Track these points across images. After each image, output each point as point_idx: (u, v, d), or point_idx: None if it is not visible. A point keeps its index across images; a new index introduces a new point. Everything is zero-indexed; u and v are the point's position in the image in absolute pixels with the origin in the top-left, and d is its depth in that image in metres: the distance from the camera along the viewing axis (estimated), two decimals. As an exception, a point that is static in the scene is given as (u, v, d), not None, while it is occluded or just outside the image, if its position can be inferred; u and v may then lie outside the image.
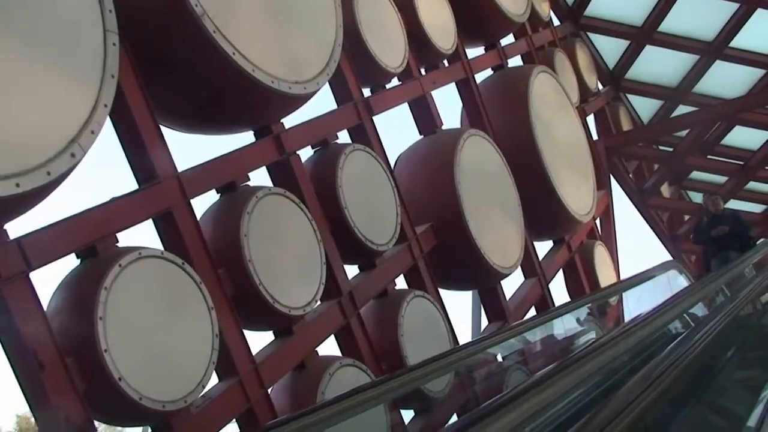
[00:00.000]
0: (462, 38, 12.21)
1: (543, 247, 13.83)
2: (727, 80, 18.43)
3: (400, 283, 9.58)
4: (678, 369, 3.92)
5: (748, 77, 18.23)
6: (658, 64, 18.53)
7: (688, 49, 17.96)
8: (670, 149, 19.15)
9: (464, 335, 11.15)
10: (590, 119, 17.96)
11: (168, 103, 7.31)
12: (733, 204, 20.63)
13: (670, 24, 17.53)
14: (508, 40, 14.29)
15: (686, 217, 21.01)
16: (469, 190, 10.29)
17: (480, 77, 13.17)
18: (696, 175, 21.26)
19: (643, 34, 17.77)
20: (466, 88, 12.16)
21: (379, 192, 9.01)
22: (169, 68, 7.01)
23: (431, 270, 9.79)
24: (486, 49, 13.40)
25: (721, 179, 20.22)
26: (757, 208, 21.08)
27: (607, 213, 16.68)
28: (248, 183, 7.51)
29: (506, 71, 13.38)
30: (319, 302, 7.74)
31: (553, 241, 13.80)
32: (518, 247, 11.28)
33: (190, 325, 6.10)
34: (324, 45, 8.25)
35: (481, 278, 10.72)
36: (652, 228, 19.94)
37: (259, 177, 8.30)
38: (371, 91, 10.04)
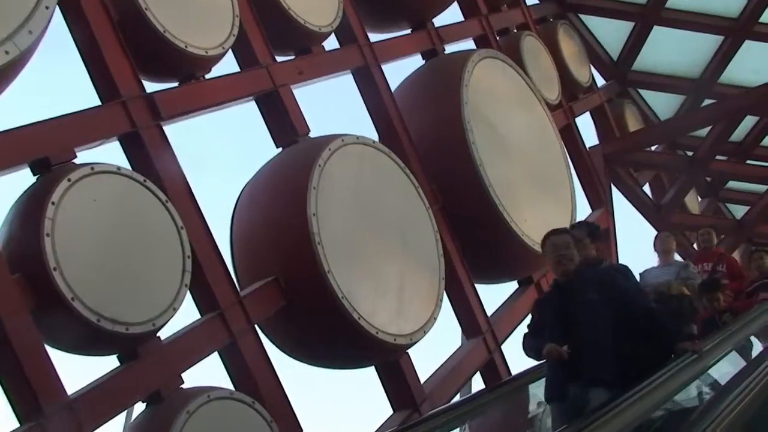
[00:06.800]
0: (359, 13, 8.94)
1: (505, 291, 10.42)
2: (762, 65, 14.72)
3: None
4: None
5: (787, 59, 14.54)
6: (672, 50, 15.01)
7: (708, 28, 14.46)
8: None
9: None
10: (587, 122, 14.49)
11: None
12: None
13: (682, -1, 14.01)
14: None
15: (722, 236, 17.09)
16: (333, 223, 6.96)
17: (405, 68, 9.94)
18: (733, 184, 17.45)
19: (649, 13, 14.29)
20: (365, 81, 8.84)
21: (147, 240, 5.75)
22: None
23: (264, 349, 6.49)
24: (413, 32, 10.09)
25: (763, 188, 16.38)
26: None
27: (605, 238, 13.04)
28: None
29: (439, 59, 10.01)
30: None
31: (518, 282, 10.31)
32: (430, 301, 7.84)
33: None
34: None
35: (365, 353, 7.33)
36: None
37: None
38: (181, 82, 6.85)
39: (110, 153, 6.29)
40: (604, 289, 4.97)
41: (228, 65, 7.49)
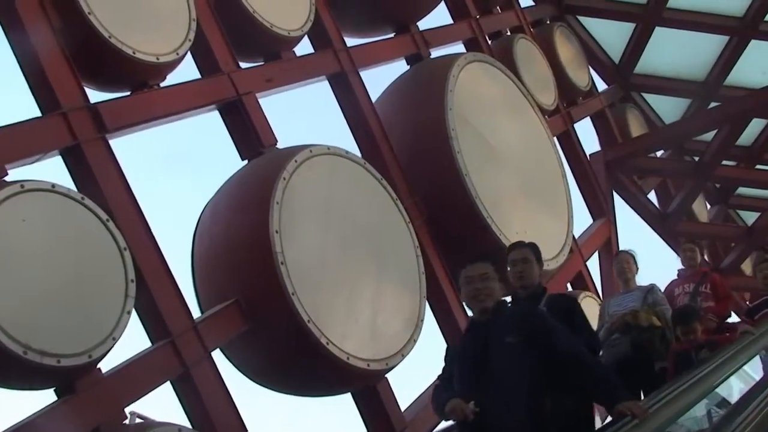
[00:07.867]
0: (335, 16, 8.47)
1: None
2: (768, 64, 14.20)
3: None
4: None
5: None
6: (675, 52, 14.44)
7: (712, 28, 13.90)
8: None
9: None
10: (588, 127, 13.97)
11: None
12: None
13: (684, -3, 13.48)
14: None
15: (732, 244, 16.46)
16: (299, 241, 6.47)
17: (388, 73, 9.46)
18: (744, 190, 16.83)
19: (650, 14, 13.73)
20: (342, 88, 8.35)
21: (84, 262, 5.27)
22: None
23: (221, 379, 5.98)
24: (395, 36, 9.61)
25: (774, 194, 15.82)
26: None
27: (608, 248, 12.47)
28: None
29: (423, 63, 9.51)
30: None
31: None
32: (409, 322, 7.32)
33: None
34: None
35: (336, 380, 6.80)
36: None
37: None
38: (133, 91, 6.39)
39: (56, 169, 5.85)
40: (526, 329, 4.02)
41: (191, 73, 7.06)
